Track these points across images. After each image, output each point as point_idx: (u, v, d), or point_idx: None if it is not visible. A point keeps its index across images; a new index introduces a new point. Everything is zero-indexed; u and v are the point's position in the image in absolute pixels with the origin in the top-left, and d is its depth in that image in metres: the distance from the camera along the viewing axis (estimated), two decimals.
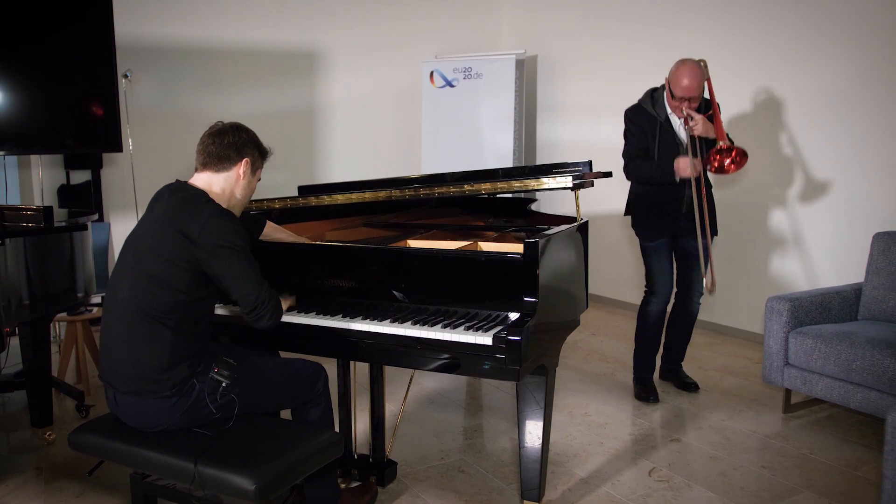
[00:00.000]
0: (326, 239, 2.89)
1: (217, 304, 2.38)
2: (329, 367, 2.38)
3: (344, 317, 2.27)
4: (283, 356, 2.46)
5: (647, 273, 3.64)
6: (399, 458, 2.89)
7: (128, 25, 4.87)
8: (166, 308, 1.97)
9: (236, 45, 5.56)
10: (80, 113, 3.94)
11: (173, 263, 1.97)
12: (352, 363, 2.65)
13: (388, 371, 2.80)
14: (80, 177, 5.01)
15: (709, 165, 3.33)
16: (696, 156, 3.33)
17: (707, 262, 3.48)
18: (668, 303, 3.67)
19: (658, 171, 3.40)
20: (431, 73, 6.04)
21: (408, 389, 2.98)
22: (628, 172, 3.55)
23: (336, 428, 2.49)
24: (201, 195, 2.07)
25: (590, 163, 2.89)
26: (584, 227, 2.73)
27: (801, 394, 3.41)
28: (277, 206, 2.83)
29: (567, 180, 2.49)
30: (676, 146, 3.45)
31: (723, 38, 4.74)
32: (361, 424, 3.09)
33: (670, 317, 3.78)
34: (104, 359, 2.08)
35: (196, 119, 3.18)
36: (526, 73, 6.19)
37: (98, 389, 3.70)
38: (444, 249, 2.43)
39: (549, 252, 2.25)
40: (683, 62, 3.34)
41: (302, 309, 2.36)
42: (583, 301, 2.74)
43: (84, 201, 4.93)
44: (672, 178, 3.36)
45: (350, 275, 2.39)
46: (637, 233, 3.67)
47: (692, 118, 3.33)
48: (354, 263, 2.40)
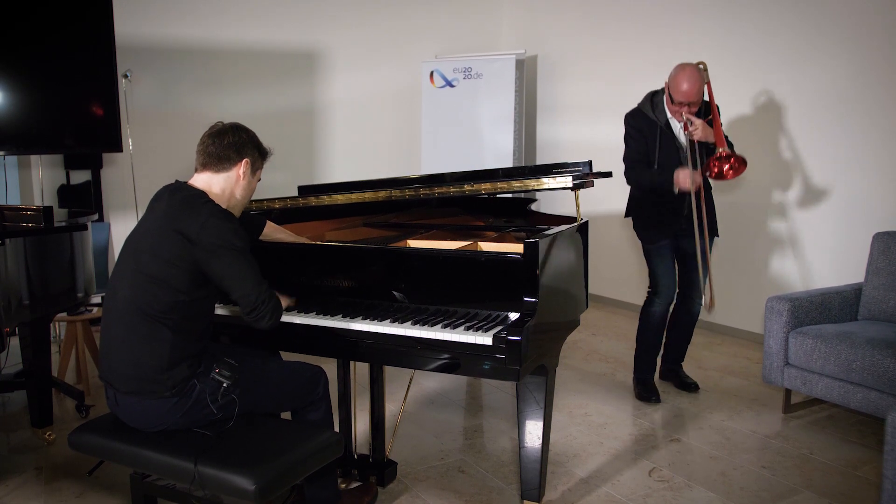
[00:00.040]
0: (326, 239, 2.88)
1: (217, 304, 2.38)
2: (329, 368, 2.38)
3: (344, 317, 2.27)
4: (284, 357, 2.46)
5: (651, 274, 3.63)
6: (399, 458, 2.89)
7: (128, 25, 4.87)
8: (166, 308, 1.97)
9: (236, 45, 5.56)
10: (80, 113, 3.94)
11: (173, 264, 1.97)
12: (352, 363, 2.65)
13: (388, 371, 2.79)
14: (80, 177, 5.01)
15: (707, 172, 3.34)
16: (695, 161, 3.33)
17: (706, 275, 3.49)
18: (672, 303, 3.67)
19: (658, 182, 3.39)
20: (431, 73, 6.04)
21: (408, 389, 2.99)
22: (629, 178, 3.55)
23: (336, 428, 2.49)
24: (201, 195, 2.07)
25: (590, 163, 2.89)
26: (585, 228, 2.73)
27: (801, 394, 3.41)
28: (277, 206, 2.83)
29: (567, 180, 2.49)
30: (677, 151, 3.44)
31: (723, 38, 4.74)
32: (361, 424, 3.09)
33: (671, 317, 3.77)
34: (104, 359, 2.08)
35: (196, 119, 3.19)
36: (526, 73, 6.19)
37: (98, 389, 3.70)
38: (444, 249, 2.43)
39: (550, 252, 2.25)
40: (683, 67, 3.31)
41: (302, 309, 2.36)
42: (583, 301, 2.74)
43: (84, 201, 4.93)
44: (671, 189, 3.36)
45: (350, 275, 2.39)
46: (639, 235, 3.67)
47: (692, 123, 3.32)
48: (354, 263, 2.40)
